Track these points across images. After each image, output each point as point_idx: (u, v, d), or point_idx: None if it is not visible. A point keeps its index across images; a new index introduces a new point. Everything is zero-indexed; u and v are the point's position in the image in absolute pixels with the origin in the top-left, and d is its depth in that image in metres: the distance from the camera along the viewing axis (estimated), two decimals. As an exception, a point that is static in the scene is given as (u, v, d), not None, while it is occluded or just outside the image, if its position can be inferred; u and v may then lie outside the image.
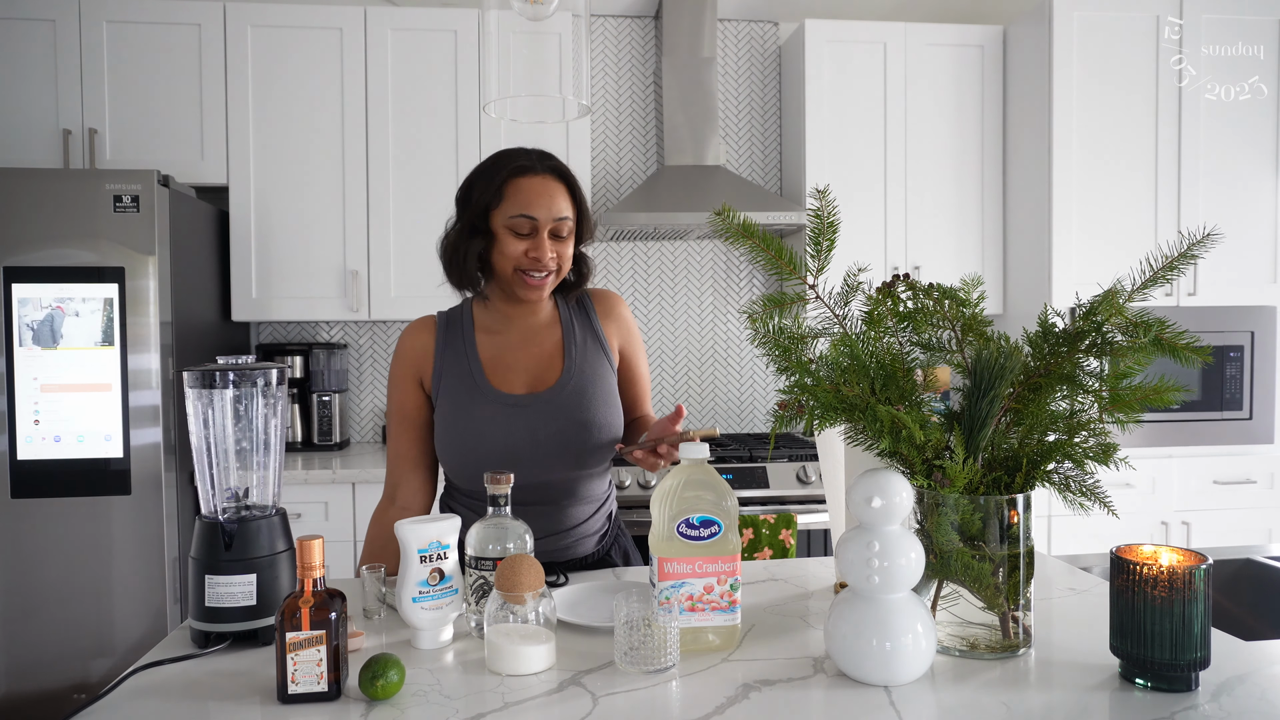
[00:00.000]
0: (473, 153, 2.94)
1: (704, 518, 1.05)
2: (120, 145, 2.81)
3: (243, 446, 1.14)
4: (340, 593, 0.96)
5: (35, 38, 2.76)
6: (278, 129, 2.89)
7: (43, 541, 2.35)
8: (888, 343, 1.07)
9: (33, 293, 2.33)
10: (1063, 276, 2.92)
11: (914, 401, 1.03)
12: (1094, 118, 2.93)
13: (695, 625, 1.05)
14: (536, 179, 1.40)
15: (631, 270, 3.40)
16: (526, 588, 1.00)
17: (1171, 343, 0.95)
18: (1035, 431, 1.03)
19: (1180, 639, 0.90)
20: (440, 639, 1.09)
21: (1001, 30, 3.16)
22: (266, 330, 3.28)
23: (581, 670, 1.00)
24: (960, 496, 1.00)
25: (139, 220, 2.38)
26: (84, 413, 2.35)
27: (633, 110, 3.39)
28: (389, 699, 0.93)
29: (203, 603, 1.08)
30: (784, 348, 1.05)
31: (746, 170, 3.43)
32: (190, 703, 0.94)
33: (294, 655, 0.92)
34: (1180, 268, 0.99)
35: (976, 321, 1.07)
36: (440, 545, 1.08)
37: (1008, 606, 1.02)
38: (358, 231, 2.93)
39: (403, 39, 2.93)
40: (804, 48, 3.09)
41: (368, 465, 2.73)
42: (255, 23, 2.87)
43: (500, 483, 1.15)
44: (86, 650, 2.38)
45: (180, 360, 2.53)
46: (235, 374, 1.12)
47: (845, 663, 0.96)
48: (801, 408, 1.02)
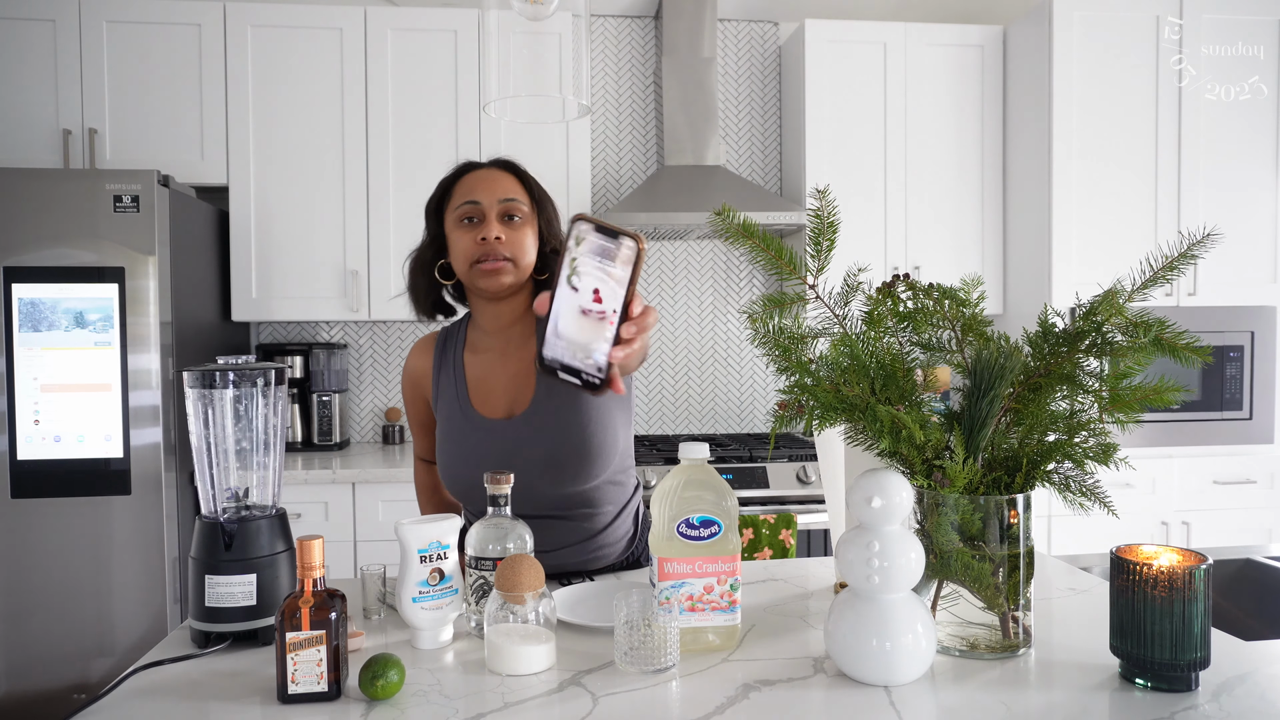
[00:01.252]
0: (473, 153, 2.94)
1: (704, 518, 1.05)
2: (120, 145, 2.81)
3: (243, 446, 1.14)
4: (340, 593, 0.96)
5: (35, 38, 2.76)
6: (278, 129, 2.89)
7: (43, 541, 2.35)
8: (888, 343, 1.07)
9: (33, 293, 2.33)
10: (1063, 276, 2.92)
11: (914, 401, 1.03)
12: (1094, 118, 2.93)
13: (695, 625, 1.05)
14: (482, 170, 1.41)
15: (631, 270, 3.39)
16: (526, 588, 1.00)
17: (1171, 343, 0.95)
18: (1035, 431, 1.03)
19: (1180, 639, 0.90)
20: (440, 639, 1.09)
21: (1001, 30, 3.16)
22: (266, 330, 3.28)
23: (581, 670, 1.00)
24: (960, 496, 1.00)
25: (139, 220, 2.38)
26: (84, 413, 2.35)
27: (633, 110, 3.39)
28: (389, 699, 0.93)
29: (203, 603, 1.08)
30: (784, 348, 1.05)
31: (746, 170, 3.43)
32: (190, 703, 0.94)
33: (294, 655, 0.92)
34: (1180, 268, 0.99)
35: (976, 321, 1.07)
36: (440, 545, 1.08)
37: (1008, 606, 1.02)
38: (358, 231, 2.93)
39: (403, 39, 2.93)
40: (804, 48, 3.09)
41: (368, 465, 2.73)
42: (255, 23, 2.87)
43: (500, 483, 1.15)
44: (86, 650, 2.38)
45: (180, 360, 2.53)
46: (235, 374, 1.12)
47: (845, 663, 0.96)
48: (801, 408, 1.02)
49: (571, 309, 0.79)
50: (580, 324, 0.79)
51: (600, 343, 0.79)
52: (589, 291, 0.79)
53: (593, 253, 0.79)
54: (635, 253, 0.78)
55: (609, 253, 0.79)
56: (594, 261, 0.79)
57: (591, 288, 0.79)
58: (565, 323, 0.79)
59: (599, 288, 0.79)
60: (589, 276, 0.79)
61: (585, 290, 0.79)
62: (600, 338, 0.79)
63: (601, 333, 0.79)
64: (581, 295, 0.79)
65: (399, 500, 2.67)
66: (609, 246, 0.79)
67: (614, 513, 1.47)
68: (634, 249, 0.78)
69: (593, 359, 0.79)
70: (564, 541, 1.42)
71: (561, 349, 0.80)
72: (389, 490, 2.67)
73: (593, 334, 0.79)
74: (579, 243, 0.79)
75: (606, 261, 0.79)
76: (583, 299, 0.79)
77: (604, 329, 0.79)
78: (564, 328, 0.80)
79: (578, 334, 0.79)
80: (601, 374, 0.79)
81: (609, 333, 0.79)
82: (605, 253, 0.79)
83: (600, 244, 0.79)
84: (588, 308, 0.79)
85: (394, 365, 3.34)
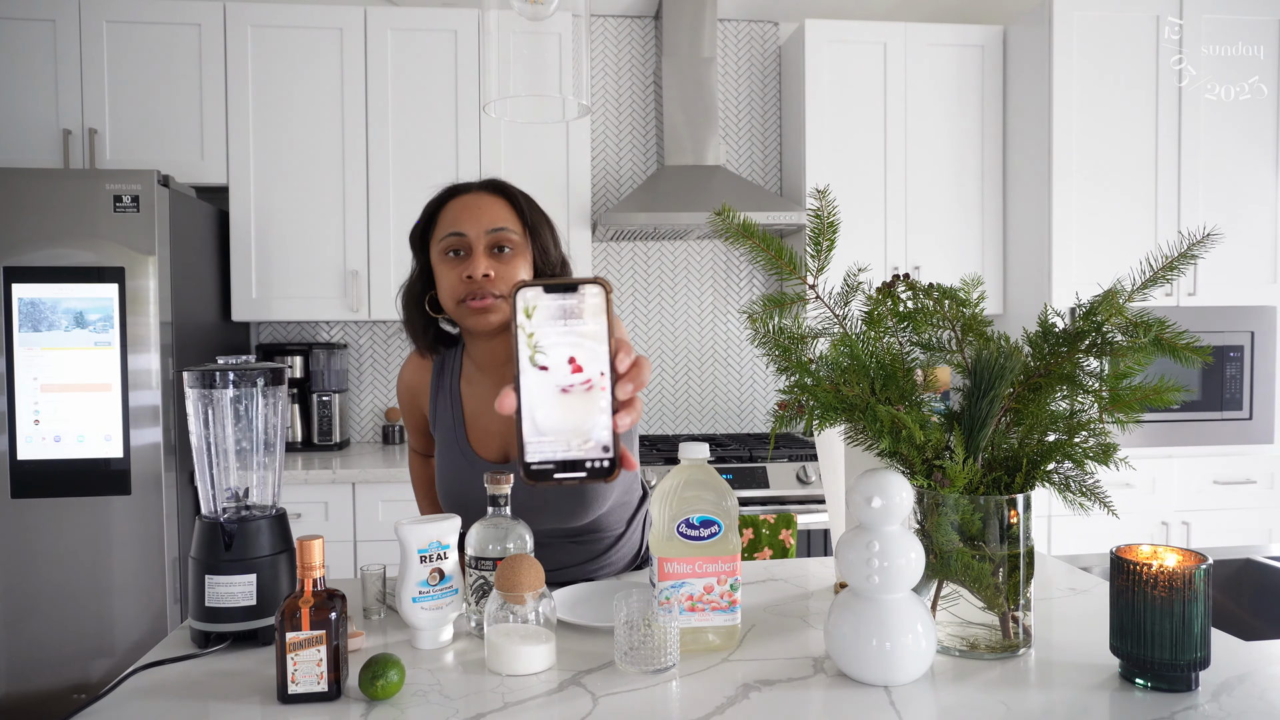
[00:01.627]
0: (473, 153, 2.95)
1: (704, 518, 1.05)
2: (120, 145, 2.81)
3: (243, 446, 1.14)
4: (340, 593, 0.96)
5: (35, 37, 2.76)
6: (278, 129, 2.89)
7: (43, 542, 2.35)
8: (888, 343, 1.07)
9: (33, 292, 2.33)
10: (1063, 276, 2.92)
11: (914, 401, 1.03)
12: (1094, 118, 2.93)
13: (695, 625, 1.05)
14: (468, 196, 1.30)
15: (631, 270, 3.40)
16: (526, 588, 1.00)
17: (1171, 343, 0.95)
18: (1035, 431, 1.03)
19: (1180, 639, 0.90)
20: (440, 639, 1.09)
21: (1002, 30, 3.16)
22: (266, 330, 3.28)
23: (581, 670, 1.00)
24: (960, 496, 1.00)
25: (139, 220, 2.38)
26: (84, 413, 2.35)
27: (633, 110, 3.39)
28: (389, 699, 0.93)
29: (203, 603, 1.08)
30: (784, 348, 1.05)
31: (746, 170, 3.43)
32: (190, 703, 0.94)
33: (294, 655, 0.92)
34: (1180, 268, 0.99)
35: (976, 321, 1.07)
36: (440, 545, 1.08)
37: (1008, 606, 1.02)
38: (358, 231, 2.93)
39: (403, 39, 2.93)
40: (804, 48, 3.09)
41: (368, 465, 2.73)
42: (255, 23, 2.87)
43: (500, 483, 1.14)
44: (86, 650, 2.38)
45: (180, 360, 2.53)
46: (235, 374, 1.12)
47: (845, 663, 0.96)
48: (801, 408, 1.02)
49: (548, 393, 0.65)
50: (564, 406, 0.65)
51: (597, 417, 0.66)
52: (562, 364, 0.65)
53: (552, 318, 0.65)
54: (603, 298, 0.65)
55: (571, 311, 0.65)
56: (556, 328, 0.65)
57: (565, 359, 0.65)
58: (545, 413, 0.65)
59: (574, 355, 0.65)
60: (557, 348, 0.65)
61: (557, 365, 0.65)
62: (595, 411, 0.66)
63: (595, 405, 0.66)
64: (554, 373, 0.65)
65: (399, 500, 2.67)
66: (569, 304, 0.65)
67: (620, 531, 1.44)
68: (600, 294, 0.65)
69: (593, 440, 0.66)
70: (570, 562, 1.40)
71: (550, 446, 0.65)
72: (389, 490, 2.67)
73: (584, 412, 0.66)
74: (530, 314, 0.65)
75: (573, 321, 0.65)
76: (558, 376, 0.65)
77: (596, 400, 0.66)
78: (545, 420, 0.65)
79: (565, 420, 0.66)
80: (610, 453, 0.66)
81: (604, 401, 0.66)
82: (567, 312, 0.65)
83: (557, 305, 0.65)
84: (568, 384, 0.65)
85: (394, 365, 3.34)
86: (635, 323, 3.41)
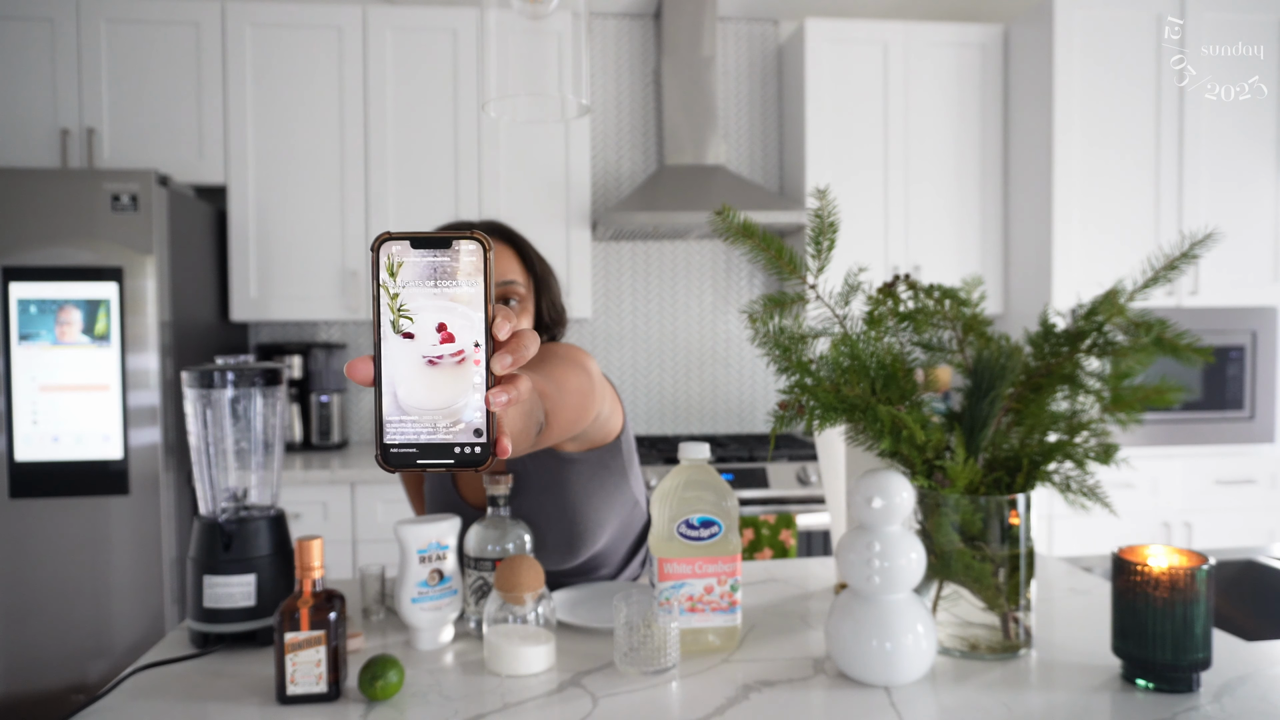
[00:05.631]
0: (472, 152, 2.94)
1: (704, 518, 1.04)
2: (119, 145, 2.81)
3: (241, 447, 1.14)
4: (339, 593, 0.95)
5: (33, 37, 2.76)
6: (277, 129, 2.88)
7: (41, 542, 2.35)
8: (888, 343, 1.07)
9: (31, 292, 2.33)
10: (1063, 276, 2.92)
11: (915, 402, 1.03)
12: (1095, 117, 2.93)
13: (695, 626, 1.05)
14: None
15: (631, 270, 3.39)
16: (526, 588, 1.00)
17: (1173, 343, 0.95)
18: (1036, 432, 1.02)
19: (1182, 640, 0.89)
20: (440, 639, 1.09)
21: (1002, 29, 3.16)
22: (265, 330, 3.27)
23: (581, 671, 1.00)
24: (961, 497, 1.00)
25: (137, 220, 2.38)
26: (82, 413, 2.35)
27: (633, 110, 3.38)
28: (388, 700, 0.93)
29: (201, 603, 1.08)
30: (784, 348, 1.04)
31: (746, 170, 3.42)
32: (189, 704, 0.93)
33: (293, 656, 0.91)
34: (1181, 268, 0.98)
35: (977, 321, 1.06)
36: (439, 546, 1.08)
37: (1008, 607, 1.01)
38: (357, 231, 2.92)
39: (402, 38, 2.93)
40: (804, 47, 3.08)
41: (367, 465, 2.72)
42: (254, 22, 2.86)
43: (499, 483, 1.14)
44: (85, 651, 2.38)
45: (179, 360, 2.53)
46: (234, 374, 1.12)
47: (846, 663, 0.96)
48: (802, 408, 1.02)
49: (412, 365, 0.56)
50: (431, 381, 0.56)
51: (470, 395, 0.56)
52: (430, 332, 0.56)
53: (420, 278, 0.56)
54: (480, 257, 0.56)
55: (444, 270, 0.56)
56: (425, 290, 0.56)
57: (433, 325, 0.56)
58: (409, 389, 0.56)
59: (444, 320, 0.56)
60: (425, 312, 0.56)
61: (425, 332, 0.56)
62: (467, 388, 0.56)
63: (467, 381, 0.56)
64: (421, 342, 0.56)
65: (398, 501, 2.67)
66: (441, 262, 0.56)
67: (625, 556, 1.40)
68: (477, 252, 0.56)
69: (463, 422, 0.56)
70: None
71: (412, 427, 0.56)
72: (388, 490, 2.67)
73: (454, 388, 0.56)
74: (395, 272, 0.56)
75: (445, 283, 0.56)
76: (423, 345, 0.56)
77: (469, 374, 0.56)
78: (409, 396, 0.56)
79: (432, 397, 0.56)
80: (483, 437, 0.57)
81: (477, 377, 0.56)
82: (438, 271, 0.56)
83: (427, 263, 0.56)
84: (436, 355, 0.56)
85: (393, 365, 3.33)
86: (636, 322, 3.40)
